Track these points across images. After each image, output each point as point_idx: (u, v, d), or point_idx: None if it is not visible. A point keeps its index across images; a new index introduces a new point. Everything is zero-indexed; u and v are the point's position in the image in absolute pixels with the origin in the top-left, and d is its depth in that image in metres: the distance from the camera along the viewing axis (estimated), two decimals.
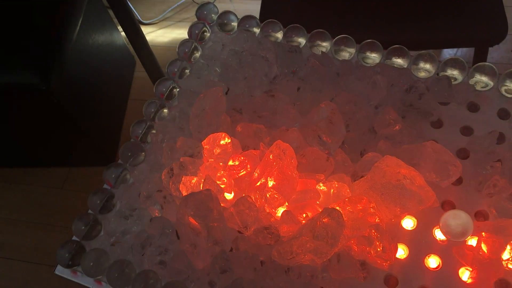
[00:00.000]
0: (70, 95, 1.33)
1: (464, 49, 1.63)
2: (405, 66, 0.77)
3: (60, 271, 0.69)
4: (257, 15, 1.18)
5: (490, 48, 1.61)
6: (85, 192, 0.71)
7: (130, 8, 1.37)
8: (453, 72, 0.75)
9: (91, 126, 1.46)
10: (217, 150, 0.71)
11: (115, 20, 1.42)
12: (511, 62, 1.63)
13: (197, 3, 0.80)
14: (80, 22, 1.35)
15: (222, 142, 0.71)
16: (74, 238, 0.70)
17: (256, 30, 0.85)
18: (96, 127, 1.49)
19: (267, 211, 0.66)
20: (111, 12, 1.41)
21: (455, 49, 1.64)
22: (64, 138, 1.48)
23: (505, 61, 1.63)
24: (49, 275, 1.41)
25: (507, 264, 0.60)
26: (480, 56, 1.20)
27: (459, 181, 0.68)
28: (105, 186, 0.74)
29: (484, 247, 0.61)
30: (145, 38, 1.45)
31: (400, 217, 0.66)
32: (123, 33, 1.47)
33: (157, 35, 1.86)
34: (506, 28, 1.08)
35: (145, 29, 1.86)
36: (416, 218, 0.66)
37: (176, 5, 1.91)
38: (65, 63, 1.28)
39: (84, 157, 1.57)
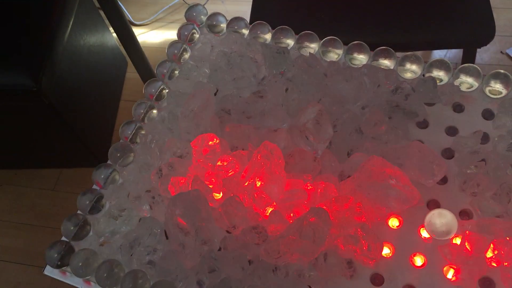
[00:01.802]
0: (62, 96, 1.33)
1: (454, 50, 1.65)
2: (391, 67, 0.78)
3: (49, 271, 0.69)
4: (249, 16, 1.19)
5: (480, 49, 1.63)
6: (77, 193, 0.71)
7: (121, 9, 1.37)
8: (439, 73, 0.76)
9: (83, 127, 1.46)
10: (206, 151, 0.71)
11: (107, 21, 1.43)
12: (500, 63, 1.64)
13: (189, 5, 0.81)
14: (71, 23, 1.35)
15: (210, 142, 0.71)
16: (63, 238, 0.70)
17: (245, 32, 0.86)
18: (88, 128, 1.49)
19: (255, 211, 0.67)
20: (102, 13, 1.41)
21: (445, 51, 1.66)
22: (56, 139, 1.48)
23: (495, 62, 1.65)
24: (41, 276, 1.41)
25: (490, 262, 0.61)
26: (469, 57, 1.21)
27: (444, 181, 0.69)
28: (94, 186, 0.74)
29: (468, 246, 0.62)
30: (136, 39, 1.46)
31: (386, 216, 0.67)
32: (114, 34, 1.48)
33: (149, 36, 1.86)
34: (494, 30, 1.09)
35: (136, 30, 1.86)
36: (402, 217, 0.67)
37: (167, 6, 1.91)
38: (56, 64, 1.28)
39: (76, 158, 1.57)
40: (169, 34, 1.85)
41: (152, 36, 1.86)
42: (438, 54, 1.65)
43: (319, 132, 0.69)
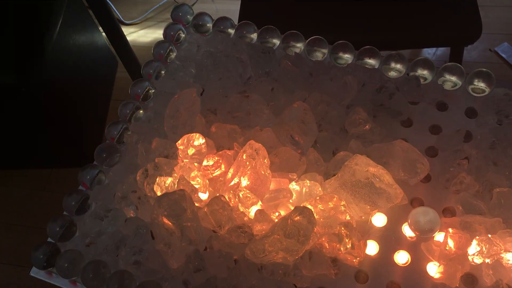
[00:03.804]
0: (51, 96, 1.33)
1: (443, 48, 1.66)
2: (376, 67, 0.78)
3: (35, 272, 0.69)
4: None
5: (469, 47, 1.64)
6: None
7: (111, 8, 1.37)
8: (423, 72, 0.76)
9: (73, 127, 1.46)
10: (192, 151, 0.71)
11: (96, 20, 1.42)
12: (488, 61, 1.65)
13: (179, 4, 0.81)
14: (60, 22, 1.35)
15: (196, 142, 0.71)
16: (49, 239, 0.70)
17: (231, 31, 0.86)
18: (78, 128, 1.49)
19: (241, 210, 0.67)
20: (91, 12, 1.40)
21: (434, 49, 1.66)
22: (45, 139, 1.47)
23: (483, 60, 1.66)
24: (31, 277, 1.40)
25: (473, 259, 0.62)
26: (456, 55, 1.22)
27: (427, 179, 0.69)
28: (80, 187, 0.74)
29: (451, 243, 0.62)
30: (125, 38, 1.45)
31: (370, 214, 0.67)
32: (104, 34, 1.47)
33: (139, 35, 1.86)
34: (480, 28, 1.10)
35: (127, 29, 1.85)
36: (385, 215, 0.67)
37: (158, 5, 1.91)
38: (45, 63, 1.28)
39: (66, 158, 1.56)
40: (159, 34, 1.85)
41: (142, 35, 1.86)
42: (427, 52, 1.66)
43: (304, 132, 0.70)
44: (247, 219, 0.67)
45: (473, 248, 0.62)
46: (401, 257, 0.65)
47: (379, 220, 0.67)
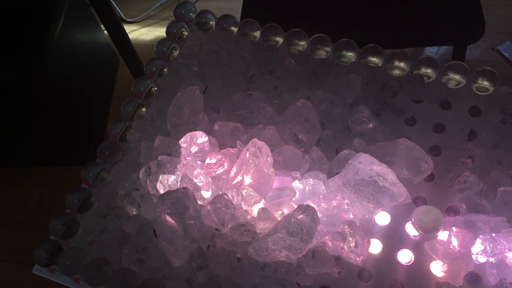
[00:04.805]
0: (53, 93, 1.33)
1: (445, 47, 1.66)
2: (379, 65, 0.78)
3: (38, 270, 0.69)
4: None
5: (471, 46, 1.64)
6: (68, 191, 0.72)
7: (112, 6, 1.37)
8: (427, 71, 0.76)
9: (75, 125, 1.46)
10: (195, 149, 0.71)
11: (98, 18, 1.42)
12: (491, 60, 1.65)
13: (180, 2, 0.81)
14: (61, 20, 1.35)
15: (199, 140, 0.71)
16: (52, 237, 0.70)
17: (234, 29, 0.86)
18: (80, 126, 1.49)
19: (244, 208, 0.67)
20: (93, 10, 1.40)
21: (436, 47, 1.66)
22: (47, 137, 1.47)
23: (485, 58, 1.65)
24: (32, 275, 1.40)
25: (476, 258, 0.62)
26: (459, 54, 1.21)
27: (431, 177, 0.69)
28: (83, 185, 0.74)
29: (454, 242, 0.62)
30: (127, 36, 1.45)
31: (374, 213, 0.67)
32: (106, 32, 1.47)
33: (140, 33, 1.85)
34: (483, 27, 1.09)
35: (128, 27, 1.85)
36: (389, 214, 0.67)
37: (159, 3, 1.90)
38: (47, 61, 1.28)
39: (68, 156, 1.56)
40: (161, 32, 1.85)
41: (144, 33, 1.85)
42: (429, 50, 1.66)
43: (308, 130, 0.70)
44: (250, 217, 0.67)
45: (477, 247, 0.62)
46: (405, 256, 0.65)
47: (383, 218, 0.67)
